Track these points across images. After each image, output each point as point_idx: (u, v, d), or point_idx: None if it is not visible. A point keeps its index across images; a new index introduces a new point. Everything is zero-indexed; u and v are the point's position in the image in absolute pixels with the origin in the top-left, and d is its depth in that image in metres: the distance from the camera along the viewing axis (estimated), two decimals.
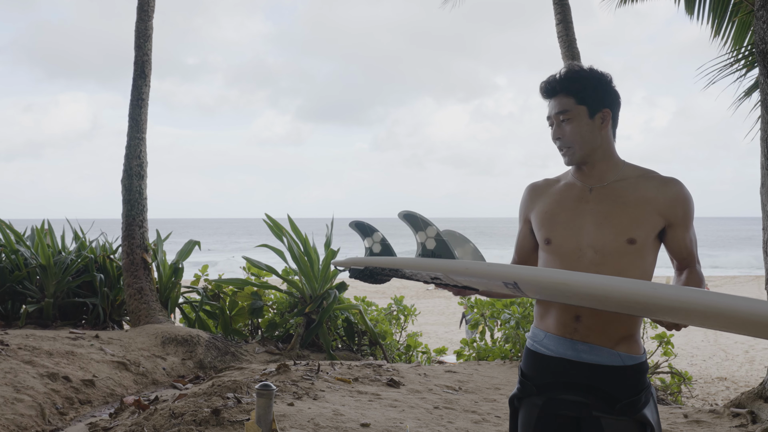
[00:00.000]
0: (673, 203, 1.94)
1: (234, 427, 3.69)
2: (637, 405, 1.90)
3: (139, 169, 7.91)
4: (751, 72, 6.56)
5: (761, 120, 4.64)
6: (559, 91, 1.99)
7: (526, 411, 2.01)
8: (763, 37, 4.47)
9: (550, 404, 1.96)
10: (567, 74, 1.99)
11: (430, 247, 1.80)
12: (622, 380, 1.91)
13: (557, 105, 1.99)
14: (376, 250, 1.93)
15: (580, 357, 1.93)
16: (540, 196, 2.09)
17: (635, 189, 1.96)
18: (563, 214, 2.01)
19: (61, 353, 5.57)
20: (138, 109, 7.97)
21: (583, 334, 1.93)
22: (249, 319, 7.90)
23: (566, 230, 1.98)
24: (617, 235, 1.92)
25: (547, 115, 2.04)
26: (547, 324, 2.01)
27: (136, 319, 7.46)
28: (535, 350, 2.03)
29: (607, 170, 2.01)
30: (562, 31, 8.08)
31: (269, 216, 7.87)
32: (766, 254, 4.60)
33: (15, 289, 7.83)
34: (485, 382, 5.63)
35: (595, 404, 1.91)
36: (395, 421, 4.12)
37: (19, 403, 4.53)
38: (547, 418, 1.96)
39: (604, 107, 1.99)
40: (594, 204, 1.98)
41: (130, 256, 7.70)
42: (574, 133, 1.97)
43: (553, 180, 2.13)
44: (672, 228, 1.96)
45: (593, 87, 1.97)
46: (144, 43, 8.09)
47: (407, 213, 1.86)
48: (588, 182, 2.02)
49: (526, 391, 2.03)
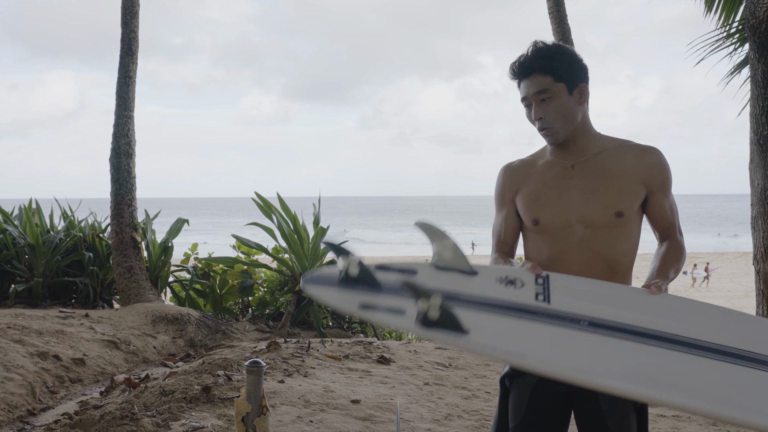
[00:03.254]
0: (652, 170, 1.94)
1: (224, 404, 3.70)
2: None
3: (127, 147, 7.84)
4: (744, 47, 6.54)
5: (750, 95, 4.64)
6: (535, 69, 1.92)
7: (519, 389, 1.99)
8: (754, 11, 4.45)
9: (544, 382, 1.95)
10: (541, 52, 1.93)
11: (447, 258, 1.76)
12: None
13: (534, 84, 1.93)
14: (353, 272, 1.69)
15: None
16: (522, 177, 2.04)
17: (616, 160, 1.95)
18: (549, 192, 1.98)
19: (51, 332, 5.55)
20: (125, 87, 7.89)
21: None
22: (239, 297, 7.90)
23: (553, 209, 1.95)
24: (605, 209, 1.92)
25: (523, 96, 1.97)
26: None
27: (126, 297, 7.45)
28: None
29: (587, 144, 1.99)
30: (552, 7, 8.01)
31: (259, 194, 7.84)
32: (755, 230, 4.62)
33: (3, 269, 7.79)
34: (475, 359, 5.66)
35: None
36: (385, 397, 4.14)
37: (10, 382, 4.53)
38: (541, 394, 1.95)
39: (581, 82, 1.96)
40: (578, 179, 1.96)
41: (119, 235, 7.67)
42: (556, 112, 1.93)
43: (529, 159, 2.09)
44: (652, 195, 1.96)
45: (568, 63, 1.94)
46: (130, 20, 7.98)
47: (422, 224, 1.78)
48: (569, 158, 2.00)
49: (518, 369, 1.99)
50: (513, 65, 1.97)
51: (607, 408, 1.89)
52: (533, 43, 1.97)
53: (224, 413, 3.58)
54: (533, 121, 1.97)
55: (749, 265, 19.83)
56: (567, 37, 7.85)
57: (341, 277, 1.66)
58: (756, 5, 4.43)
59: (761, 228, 4.54)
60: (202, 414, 3.56)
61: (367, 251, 44.00)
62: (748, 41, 4.67)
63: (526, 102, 1.97)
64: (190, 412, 3.58)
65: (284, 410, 3.68)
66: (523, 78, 1.95)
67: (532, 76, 1.93)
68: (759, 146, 4.52)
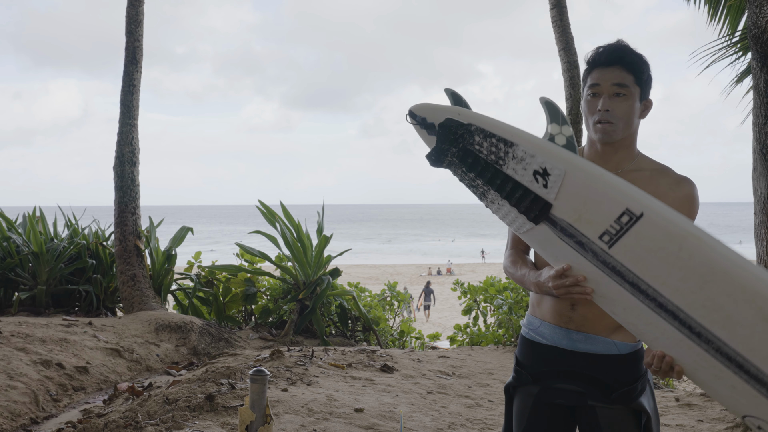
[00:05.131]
0: (683, 203, 1.87)
1: (228, 412, 3.70)
2: (633, 393, 1.88)
3: (131, 155, 7.87)
4: (748, 56, 6.55)
5: (753, 105, 4.64)
6: (620, 62, 1.87)
7: (521, 399, 1.99)
8: (756, 21, 4.46)
9: (545, 393, 1.94)
10: (630, 50, 1.88)
11: (559, 143, 1.61)
12: (618, 369, 1.89)
13: (616, 76, 1.86)
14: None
15: (575, 346, 1.91)
16: None
17: (649, 182, 1.89)
18: None
19: (55, 340, 5.56)
20: (129, 96, 7.92)
21: (578, 324, 1.90)
22: (242, 305, 7.90)
23: None
24: None
25: (595, 82, 1.88)
26: (543, 312, 1.97)
27: (129, 305, 7.45)
28: (531, 338, 2.00)
29: (625, 158, 1.93)
30: (556, 16, 8.03)
31: (262, 202, 7.86)
32: (758, 239, 4.62)
33: (7, 277, 7.80)
34: (478, 367, 5.66)
35: (591, 393, 1.89)
36: (389, 406, 4.14)
37: (13, 390, 4.53)
38: (542, 406, 1.95)
39: (649, 96, 1.93)
40: None
41: (122, 242, 7.68)
42: (624, 112, 1.87)
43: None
44: None
45: (648, 73, 1.91)
46: (135, 28, 8.01)
47: (549, 100, 1.65)
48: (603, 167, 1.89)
49: (521, 380, 2.00)
50: (599, 49, 1.90)
51: (606, 423, 1.88)
52: (619, 40, 1.91)
53: (228, 422, 3.58)
54: (595, 111, 1.88)
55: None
56: (570, 46, 7.87)
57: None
58: (758, 15, 4.44)
59: (764, 237, 4.54)
60: (206, 423, 3.56)
61: (363, 259, 43.94)
62: (750, 50, 4.67)
63: (597, 90, 1.88)
64: (194, 420, 3.58)
65: (288, 419, 3.68)
66: (606, 65, 1.88)
67: (616, 67, 1.87)
68: (762, 155, 4.52)
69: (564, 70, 7.86)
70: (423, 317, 20.67)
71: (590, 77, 1.91)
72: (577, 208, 1.56)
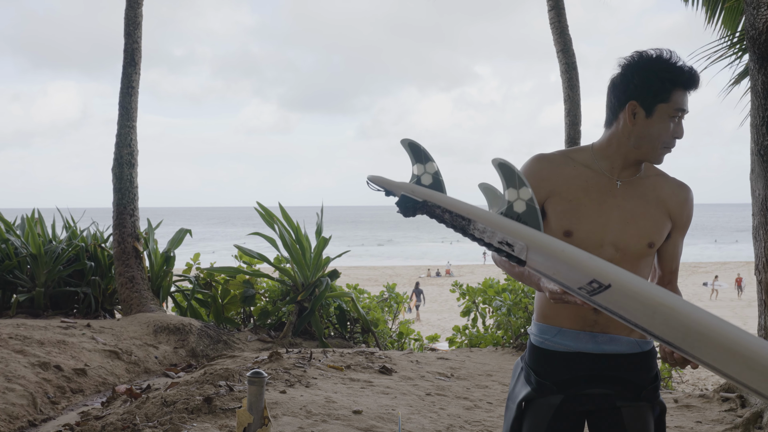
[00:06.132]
0: (683, 206, 1.91)
1: (226, 414, 3.70)
2: (658, 390, 1.91)
3: (129, 157, 7.87)
4: (746, 57, 6.55)
5: (751, 106, 4.65)
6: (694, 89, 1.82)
7: (537, 412, 1.91)
8: (753, 23, 4.47)
9: (570, 402, 1.89)
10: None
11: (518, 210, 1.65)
12: (643, 367, 1.90)
13: (687, 102, 1.81)
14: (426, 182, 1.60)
15: (601, 349, 1.87)
16: (561, 178, 1.89)
17: (654, 188, 1.90)
18: (590, 205, 1.87)
19: (53, 342, 5.55)
20: (128, 97, 7.92)
21: (603, 326, 1.87)
22: (241, 307, 7.90)
23: (592, 224, 1.85)
24: (641, 237, 1.86)
25: (681, 107, 1.80)
26: (561, 320, 1.91)
27: (128, 307, 7.45)
28: (548, 348, 1.92)
29: (637, 168, 1.93)
30: (554, 18, 8.04)
31: (261, 204, 7.86)
32: (756, 240, 4.62)
33: (5, 279, 7.79)
34: (477, 369, 5.66)
35: (621, 394, 1.88)
36: (387, 408, 4.14)
37: (11, 392, 4.53)
38: (563, 416, 1.89)
39: None
40: (621, 200, 1.88)
41: (121, 244, 7.68)
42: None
43: (571, 159, 1.93)
44: (674, 232, 1.92)
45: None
46: (134, 30, 8.02)
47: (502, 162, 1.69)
48: (615, 173, 1.90)
49: (543, 391, 1.91)
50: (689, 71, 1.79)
51: (630, 421, 1.88)
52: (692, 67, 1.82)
53: (226, 424, 3.58)
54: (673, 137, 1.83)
55: (751, 274, 19.79)
56: (568, 48, 7.88)
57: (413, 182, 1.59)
58: (755, 16, 4.45)
59: (762, 238, 4.54)
60: (204, 425, 3.55)
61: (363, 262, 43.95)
62: (748, 52, 4.68)
63: (680, 114, 1.82)
64: (192, 422, 3.58)
65: (286, 421, 3.68)
66: (689, 89, 1.81)
67: (692, 93, 1.82)
68: (760, 156, 4.52)
69: (562, 72, 7.86)
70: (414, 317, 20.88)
71: (676, 97, 1.80)
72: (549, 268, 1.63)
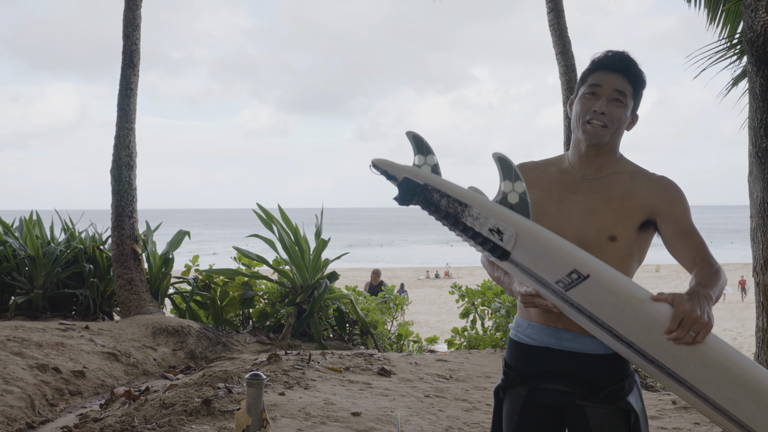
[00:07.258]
0: (659, 196, 1.92)
1: (225, 416, 3.70)
2: (620, 393, 1.89)
3: (128, 159, 7.86)
4: (744, 59, 6.56)
5: (749, 108, 4.66)
6: (626, 71, 1.93)
7: (510, 402, 2.00)
8: (751, 25, 4.48)
9: (533, 394, 1.95)
10: (635, 64, 1.95)
11: (512, 201, 1.66)
12: (605, 368, 1.90)
13: (618, 83, 1.92)
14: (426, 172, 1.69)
15: (563, 345, 1.92)
16: (531, 181, 2.00)
17: (623, 184, 1.95)
18: (550, 203, 1.97)
19: (51, 344, 5.55)
20: (127, 99, 7.91)
21: (566, 322, 1.91)
22: (240, 309, 7.89)
23: (551, 221, 1.92)
24: (599, 231, 1.91)
25: (596, 83, 1.94)
26: (530, 313, 1.99)
27: (127, 309, 7.44)
28: (519, 340, 2.02)
29: (606, 163, 1.98)
30: (553, 20, 8.03)
31: (260, 206, 7.85)
32: (754, 242, 4.63)
33: (3, 281, 7.78)
34: (476, 371, 5.66)
35: (579, 393, 1.90)
36: (386, 409, 4.14)
37: (9, 394, 4.52)
38: (531, 407, 1.96)
39: (637, 113, 2.01)
40: (582, 195, 1.96)
41: (119, 246, 7.67)
42: (617, 119, 1.92)
43: (542, 164, 2.07)
44: (663, 222, 1.92)
45: (643, 90, 1.99)
46: (132, 32, 8.01)
47: (502, 156, 1.70)
48: (583, 171, 1.99)
49: (510, 382, 2.02)
50: (608, 52, 1.95)
51: (595, 423, 1.88)
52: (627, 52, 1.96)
53: (225, 426, 3.58)
54: (590, 110, 1.93)
55: (749, 276, 19.81)
56: (567, 50, 7.88)
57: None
58: (753, 19, 4.46)
59: (760, 240, 4.55)
60: (203, 427, 3.55)
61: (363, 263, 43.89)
62: (746, 54, 4.69)
63: (597, 90, 1.93)
64: (191, 424, 3.58)
65: (285, 423, 3.68)
66: (611, 70, 1.93)
67: (621, 74, 1.93)
68: (758, 158, 4.53)
69: (561, 74, 7.86)
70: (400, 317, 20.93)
71: (592, 77, 1.95)
72: (532, 260, 1.71)
